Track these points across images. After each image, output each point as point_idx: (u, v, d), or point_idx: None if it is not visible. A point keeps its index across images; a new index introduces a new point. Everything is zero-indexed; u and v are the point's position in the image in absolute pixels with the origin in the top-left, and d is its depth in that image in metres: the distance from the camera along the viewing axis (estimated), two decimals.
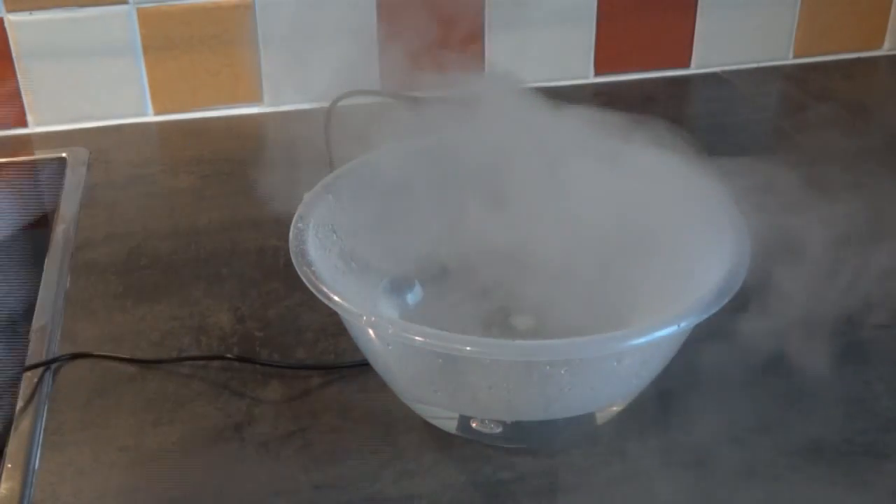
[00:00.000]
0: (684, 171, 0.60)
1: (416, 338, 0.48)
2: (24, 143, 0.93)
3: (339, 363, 0.63)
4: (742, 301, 0.54)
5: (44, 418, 0.59)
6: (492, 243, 0.60)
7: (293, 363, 0.63)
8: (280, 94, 0.97)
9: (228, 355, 0.63)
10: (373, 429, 0.58)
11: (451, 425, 0.55)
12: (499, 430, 0.53)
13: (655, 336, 0.48)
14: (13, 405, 0.60)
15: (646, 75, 1.04)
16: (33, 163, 0.90)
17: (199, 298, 0.70)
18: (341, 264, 0.59)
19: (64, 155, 0.89)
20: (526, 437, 0.56)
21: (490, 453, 0.56)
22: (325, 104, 0.64)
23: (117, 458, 0.57)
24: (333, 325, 0.66)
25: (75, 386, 0.62)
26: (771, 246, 0.65)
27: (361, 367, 0.61)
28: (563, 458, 0.56)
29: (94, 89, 0.93)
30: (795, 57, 1.06)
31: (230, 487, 0.55)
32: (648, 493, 0.54)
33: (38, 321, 0.67)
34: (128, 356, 0.64)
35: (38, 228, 0.82)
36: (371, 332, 0.52)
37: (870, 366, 0.63)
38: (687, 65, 1.04)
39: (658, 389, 0.60)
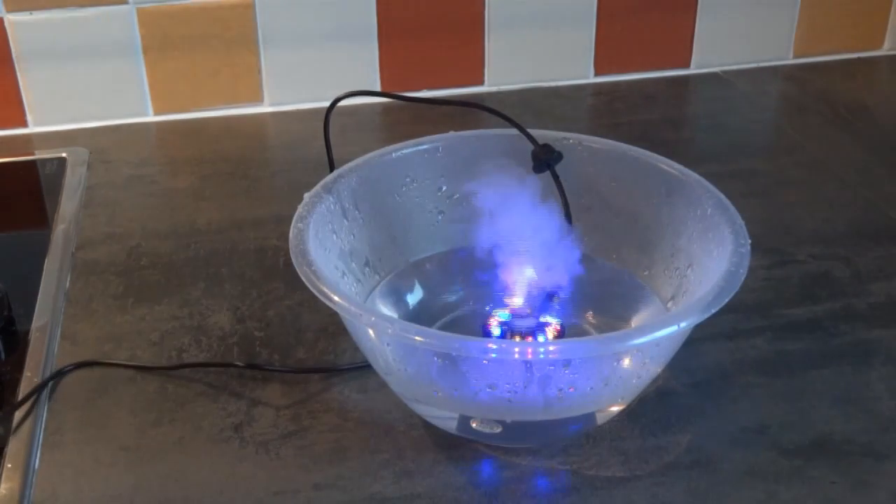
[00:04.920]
0: (683, 172, 0.60)
1: (416, 338, 0.48)
2: (24, 143, 0.93)
3: (340, 366, 0.63)
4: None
5: (44, 418, 0.59)
6: (492, 243, 0.60)
7: (295, 367, 0.63)
8: (280, 94, 0.97)
9: (238, 363, 0.63)
10: (373, 429, 0.58)
11: (451, 425, 0.55)
12: (499, 430, 0.53)
13: (655, 336, 0.48)
14: (13, 405, 0.60)
15: (646, 75, 1.04)
16: (33, 163, 0.90)
17: (199, 298, 0.70)
18: (341, 264, 0.59)
19: (64, 155, 0.89)
20: (526, 437, 0.56)
21: (490, 453, 0.56)
22: (325, 104, 0.64)
23: (117, 458, 0.57)
24: (333, 325, 0.66)
25: (75, 386, 0.62)
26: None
27: (361, 368, 0.61)
28: (563, 458, 0.56)
29: (94, 89, 0.94)
30: (795, 57, 1.06)
31: (230, 487, 0.55)
32: (648, 493, 0.54)
33: (38, 321, 0.67)
34: (130, 359, 0.64)
35: (38, 228, 0.82)
36: (371, 332, 0.52)
37: (870, 366, 0.63)
38: (687, 65, 1.04)
39: (658, 389, 0.60)
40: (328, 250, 0.58)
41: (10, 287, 0.69)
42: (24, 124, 0.94)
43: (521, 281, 0.61)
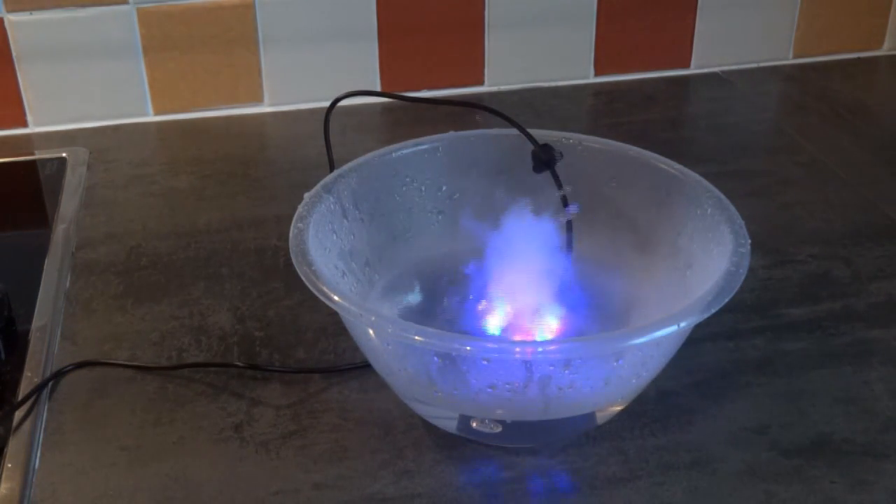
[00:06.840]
0: (683, 172, 0.60)
1: (416, 337, 0.48)
2: (24, 143, 0.93)
3: (340, 366, 0.63)
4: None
5: (44, 418, 0.59)
6: (492, 242, 0.60)
7: (295, 367, 0.63)
8: (280, 94, 0.97)
9: (238, 363, 0.63)
10: (373, 429, 0.58)
11: (451, 425, 0.55)
12: (499, 430, 0.53)
13: (655, 336, 0.48)
14: (13, 405, 0.60)
15: (646, 75, 1.04)
16: (33, 163, 0.90)
17: (199, 298, 0.70)
18: (341, 264, 0.59)
19: (64, 155, 0.89)
20: (526, 437, 0.56)
21: (490, 453, 0.56)
22: (325, 104, 0.64)
23: (117, 458, 0.57)
24: (333, 325, 0.66)
25: (75, 386, 0.62)
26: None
27: (361, 368, 0.61)
28: (563, 458, 0.56)
29: (94, 89, 0.94)
30: (795, 57, 1.06)
31: (230, 487, 0.55)
32: (648, 493, 0.54)
33: (38, 321, 0.67)
34: (130, 359, 0.64)
35: (38, 228, 0.82)
36: (371, 331, 0.52)
37: (870, 366, 0.63)
38: (687, 65, 1.04)
39: (658, 389, 0.60)
40: (328, 250, 0.58)
41: (10, 287, 0.69)
42: (24, 124, 0.94)
43: (520, 280, 0.61)
